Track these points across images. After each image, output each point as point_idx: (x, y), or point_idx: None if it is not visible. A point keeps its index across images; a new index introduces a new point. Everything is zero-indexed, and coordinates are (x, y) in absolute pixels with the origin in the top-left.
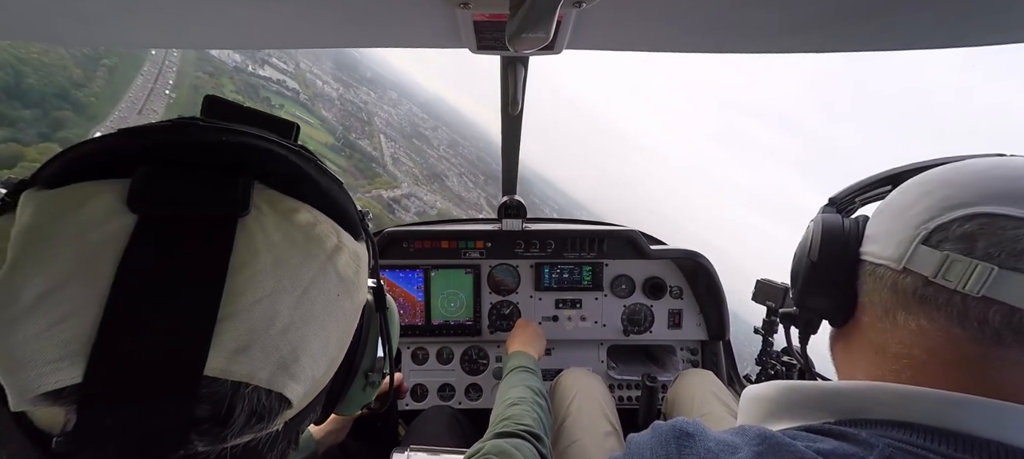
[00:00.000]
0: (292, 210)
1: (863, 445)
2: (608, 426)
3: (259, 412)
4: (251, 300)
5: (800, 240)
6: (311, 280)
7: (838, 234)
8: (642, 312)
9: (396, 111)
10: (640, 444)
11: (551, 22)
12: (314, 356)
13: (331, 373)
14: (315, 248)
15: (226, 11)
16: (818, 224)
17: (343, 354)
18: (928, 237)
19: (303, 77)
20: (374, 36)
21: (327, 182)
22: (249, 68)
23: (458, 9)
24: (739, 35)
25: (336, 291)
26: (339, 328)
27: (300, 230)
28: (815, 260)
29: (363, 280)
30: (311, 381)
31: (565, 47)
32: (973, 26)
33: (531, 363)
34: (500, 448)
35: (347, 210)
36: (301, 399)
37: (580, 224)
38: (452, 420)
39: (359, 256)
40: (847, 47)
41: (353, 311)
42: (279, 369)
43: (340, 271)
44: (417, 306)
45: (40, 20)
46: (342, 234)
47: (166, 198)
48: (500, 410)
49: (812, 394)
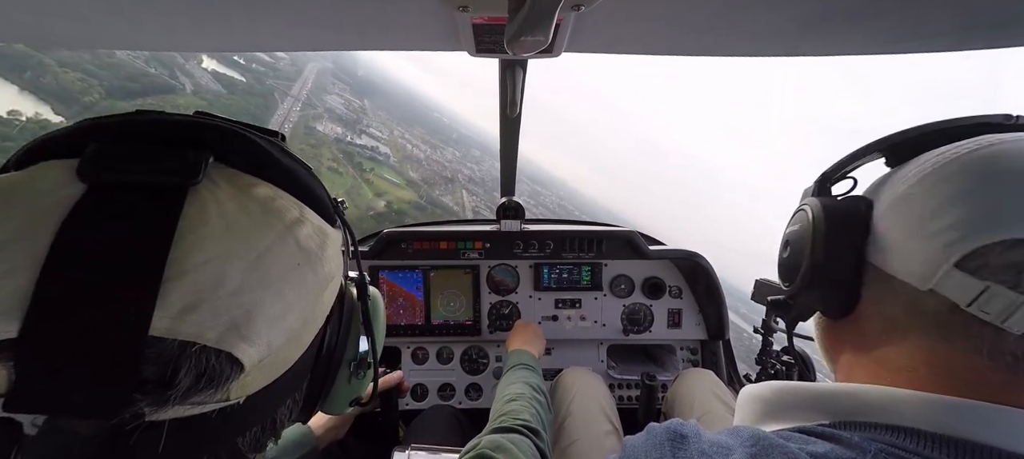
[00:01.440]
0: (250, 184)
1: (855, 449)
2: (608, 425)
3: (208, 373)
4: (199, 260)
5: (792, 227)
6: (267, 247)
7: (840, 227)
8: (641, 312)
9: (479, 168)
10: (635, 446)
11: (550, 25)
12: (271, 321)
13: (297, 350)
14: (273, 219)
15: (225, 14)
16: (817, 213)
17: (312, 333)
18: (963, 260)
19: (395, 142)
20: (373, 39)
21: (293, 164)
22: (348, 138)
23: (457, 12)
24: (737, 38)
25: (296, 260)
26: (302, 299)
27: (257, 202)
28: (815, 258)
29: (331, 256)
30: (268, 348)
31: (564, 50)
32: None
33: (531, 361)
34: (497, 443)
35: (316, 193)
36: (257, 366)
37: (579, 224)
38: (453, 419)
39: (325, 233)
40: (851, 49)
41: (317, 284)
42: (229, 329)
43: (301, 241)
44: (417, 306)
45: (35, 21)
46: (306, 211)
47: (115, 167)
48: (499, 406)
49: (807, 395)
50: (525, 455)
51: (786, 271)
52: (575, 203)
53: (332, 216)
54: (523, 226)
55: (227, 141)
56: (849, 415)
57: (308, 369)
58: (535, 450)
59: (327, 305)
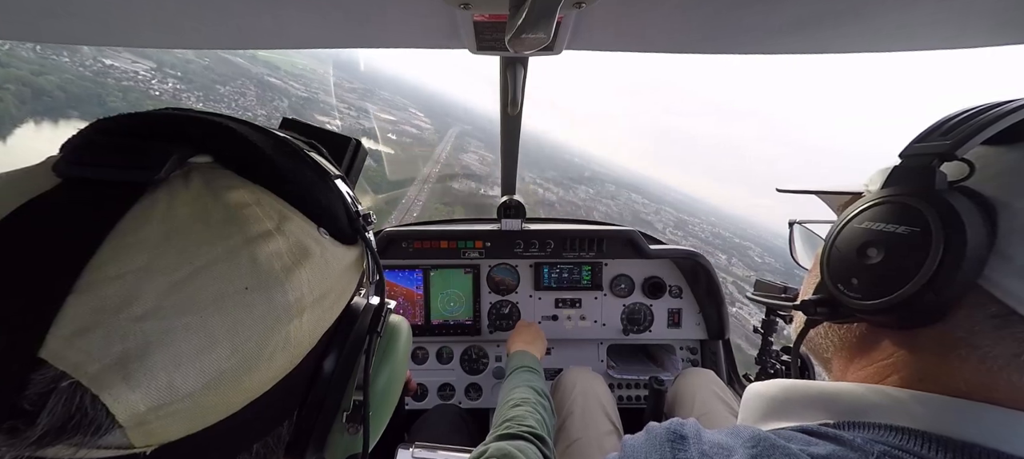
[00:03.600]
0: (226, 187)
1: (858, 451)
2: (609, 425)
3: (76, 419)
4: (112, 273)
5: (893, 226)
6: (207, 263)
7: (968, 247)
8: (641, 311)
9: (615, 202)
10: (635, 446)
11: (551, 23)
12: (179, 358)
13: (239, 393)
14: (231, 229)
15: (224, 12)
16: (946, 227)
17: (265, 373)
18: None
19: (527, 189)
20: (375, 36)
21: (296, 167)
22: (481, 190)
23: (458, 10)
24: (740, 35)
25: (242, 283)
26: (241, 332)
27: (223, 207)
28: (933, 285)
29: (309, 281)
30: (168, 391)
31: (565, 48)
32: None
33: (534, 363)
34: (504, 450)
35: (323, 202)
36: (141, 418)
37: (579, 224)
38: (457, 419)
39: (308, 252)
40: (853, 47)
41: (271, 315)
42: (115, 364)
43: (259, 260)
44: (417, 305)
45: (35, 18)
46: (292, 223)
47: (84, 162)
48: (503, 411)
49: (811, 394)
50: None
51: (871, 282)
52: (734, 228)
53: (347, 233)
54: (524, 225)
55: (211, 135)
56: (852, 415)
57: (283, 413)
58: (541, 457)
59: (301, 339)
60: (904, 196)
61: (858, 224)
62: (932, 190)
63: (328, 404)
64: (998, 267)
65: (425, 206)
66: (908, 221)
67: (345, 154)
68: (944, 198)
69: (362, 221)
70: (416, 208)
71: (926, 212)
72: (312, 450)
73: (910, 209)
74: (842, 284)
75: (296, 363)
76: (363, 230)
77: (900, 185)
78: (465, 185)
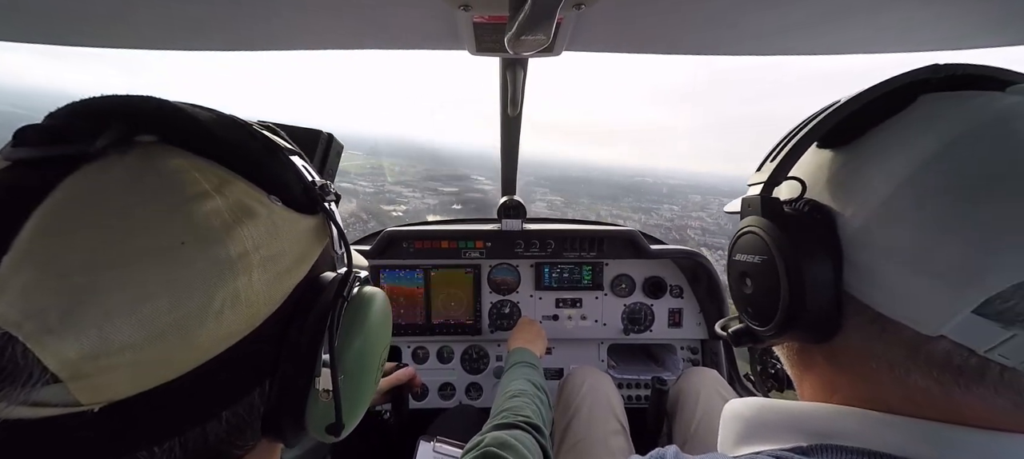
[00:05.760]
0: (164, 156)
1: None
2: (616, 425)
3: (8, 370)
4: (42, 235)
5: (746, 256)
6: (140, 220)
7: (813, 257)
8: (642, 311)
9: (705, 213)
10: None
11: (551, 24)
12: (110, 310)
13: (189, 350)
14: (165, 191)
15: (222, 15)
16: (779, 241)
17: (217, 329)
18: (983, 306)
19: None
20: (374, 38)
21: (242, 140)
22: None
23: (458, 11)
24: (740, 36)
25: (178, 238)
26: (175, 285)
27: (157, 173)
28: (794, 300)
29: (253, 237)
30: (97, 344)
31: (565, 49)
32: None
33: (533, 359)
34: (500, 439)
35: (270, 172)
36: (74, 368)
37: (580, 224)
38: (477, 419)
39: (252, 212)
40: (854, 48)
41: (212, 269)
42: (42, 314)
43: (196, 216)
44: (418, 305)
45: (38, 19)
46: (232, 185)
47: (27, 143)
48: (500, 402)
49: (786, 414)
50: (529, 451)
51: (755, 311)
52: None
53: (302, 202)
54: (524, 225)
55: (157, 116)
56: (826, 437)
57: (251, 380)
58: (537, 446)
59: (254, 299)
60: (748, 226)
61: (733, 256)
62: (766, 216)
63: (298, 373)
64: (852, 274)
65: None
66: (757, 251)
67: (317, 148)
68: (776, 222)
69: (320, 192)
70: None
71: (766, 238)
72: (289, 421)
73: (756, 238)
74: (743, 314)
75: (255, 325)
76: (322, 200)
77: (746, 214)
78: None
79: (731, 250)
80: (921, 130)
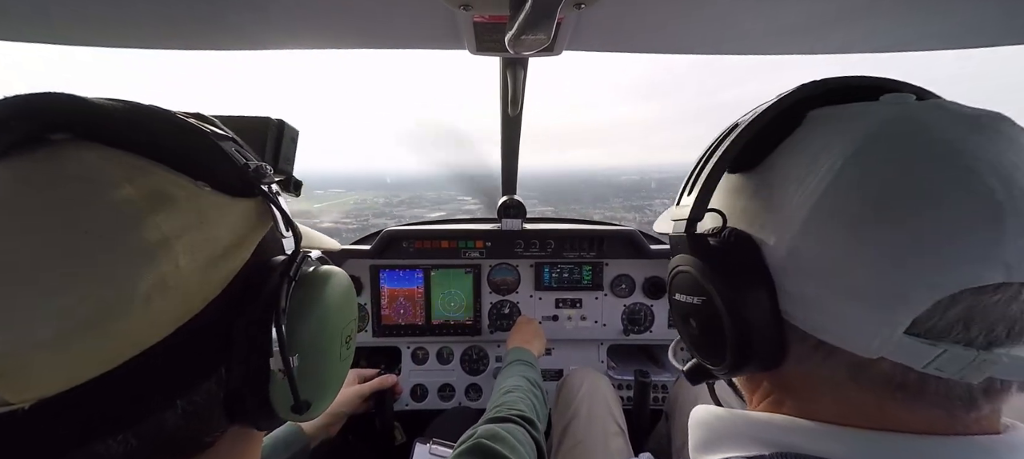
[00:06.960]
0: (70, 150)
1: None
2: (615, 426)
3: None
4: None
5: (685, 297)
6: (42, 217)
7: (750, 291)
8: (642, 312)
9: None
10: None
11: (551, 24)
12: (16, 309)
13: (106, 343)
14: (66, 185)
15: (223, 13)
16: (712, 280)
17: (124, 318)
18: (912, 326)
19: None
20: (374, 37)
21: (160, 128)
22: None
23: (458, 10)
24: (740, 36)
25: (82, 228)
26: (79, 277)
27: (62, 169)
28: (741, 335)
29: (161, 224)
30: (11, 343)
31: (565, 48)
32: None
33: (530, 357)
34: (492, 431)
35: (193, 157)
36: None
37: (580, 224)
38: (476, 420)
39: (170, 198)
40: (854, 48)
41: (126, 258)
42: None
43: (100, 206)
44: (417, 306)
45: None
46: (152, 176)
47: None
48: (495, 398)
49: (744, 423)
50: (520, 443)
51: (706, 352)
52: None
53: (235, 185)
54: (524, 225)
55: (68, 113)
56: (785, 446)
57: (203, 367)
58: (530, 439)
59: (185, 286)
60: (681, 265)
61: (673, 296)
62: (695, 255)
63: (251, 356)
64: (787, 302)
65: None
66: (695, 291)
67: (267, 136)
68: (706, 260)
69: (254, 175)
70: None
71: (700, 279)
72: (254, 404)
73: (690, 277)
74: (696, 353)
75: (193, 311)
76: (258, 183)
77: (676, 250)
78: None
79: (670, 288)
80: (815, 152)
